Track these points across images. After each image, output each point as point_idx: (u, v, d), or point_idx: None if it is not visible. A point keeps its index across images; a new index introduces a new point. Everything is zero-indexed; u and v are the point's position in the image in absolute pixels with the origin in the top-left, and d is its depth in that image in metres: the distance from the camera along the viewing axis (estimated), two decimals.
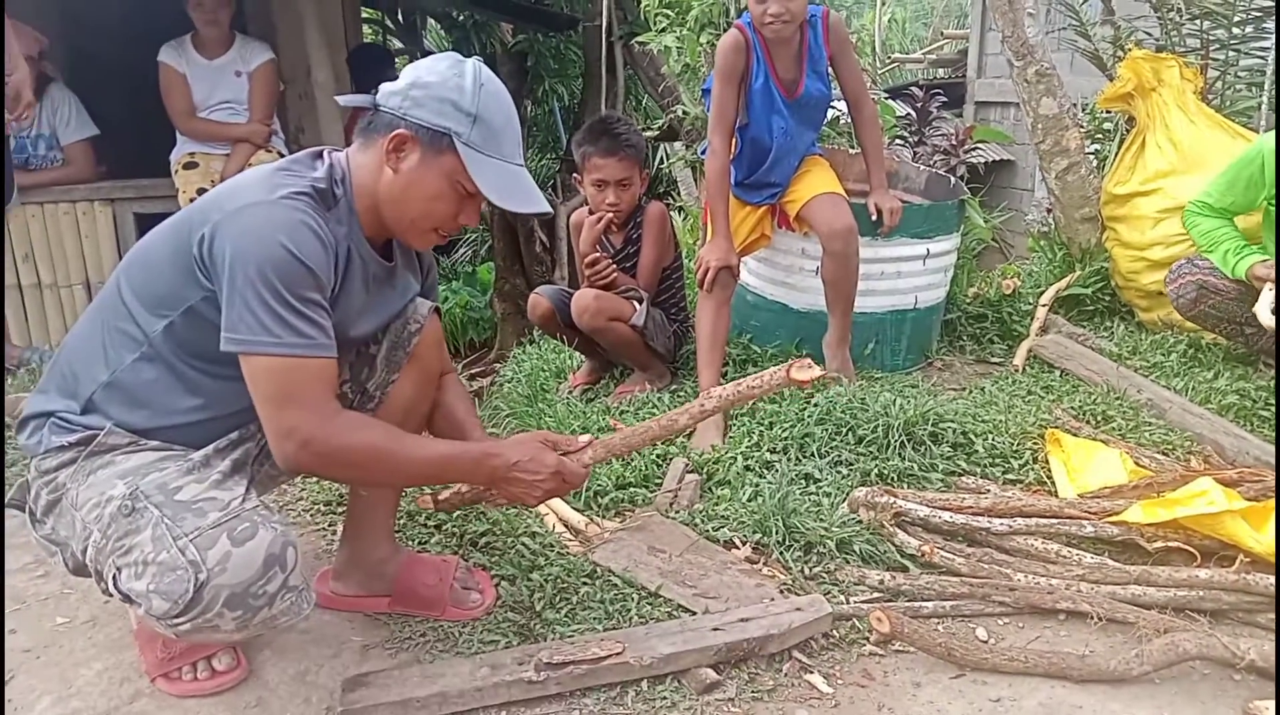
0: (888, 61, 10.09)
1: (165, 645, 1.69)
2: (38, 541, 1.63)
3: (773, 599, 1.91)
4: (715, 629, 1.76)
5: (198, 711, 1.65)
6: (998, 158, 6.30)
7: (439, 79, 1.55)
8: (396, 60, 6.05)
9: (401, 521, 2.13)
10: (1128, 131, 3.81)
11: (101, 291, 1.64)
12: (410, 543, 2.09)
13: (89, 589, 1.98)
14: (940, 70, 8.62)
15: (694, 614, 1.87)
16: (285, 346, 1.43)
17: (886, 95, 5.18)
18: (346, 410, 1.53)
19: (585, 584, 1.96)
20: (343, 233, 1.56)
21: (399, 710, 1.61)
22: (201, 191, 3.86)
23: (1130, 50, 3.55)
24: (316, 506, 2.30)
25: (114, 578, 1.47)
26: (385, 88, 1.59)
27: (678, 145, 5.83)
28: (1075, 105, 3.67)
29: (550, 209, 1.73)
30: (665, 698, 1.67)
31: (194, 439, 1.58)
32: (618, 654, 1.68)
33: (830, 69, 2.77)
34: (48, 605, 1.96)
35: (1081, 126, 3.63)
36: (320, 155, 1.61)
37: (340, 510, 2.26)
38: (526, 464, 1.64)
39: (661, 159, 6.78)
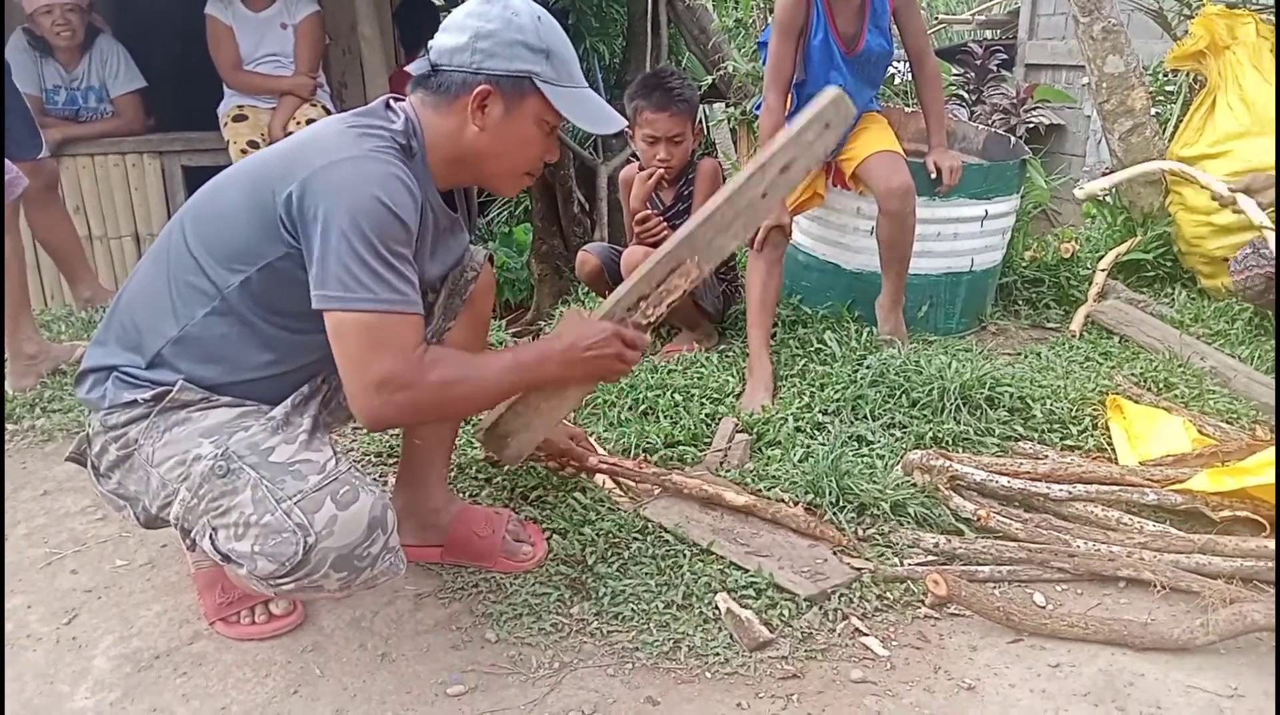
0: (934, 22, 9.86)
1: (224, 590, 1.71)
2: (102, 496, 1.62)
3: (825, 560, 1.89)
4: (764, 195, 1.67)
5: (255, 654, 1.68)
6: (1049, 122, 6.14)
7: (500, 24, 1.51)
8: (441, 15, 5.99)
9: (452, 475, 2.14)
10: (1192, 94, 3.69)
11: (160, 243, 1.60)
12: (461, 495, 2.10)
13: (146, 533, 2.01)
14: (989, 32, 8.40)
15: (746, 571, 1.86)
16: (380, 302, 1.40)
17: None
18: (429, 349, 1.50)
19: (636, 539, 1.95)
20: (419, 190, 1.53)
21: None
22: (252, 143, 3.86)
23: (1203, 7, 3.41)
24: (368, 457, 2.31)
25: (210, 537, 1.46)
26: (441, 47, 1.54)
27: (717, 107, 5.74)
28: (1140, 65, 3.54)
29: (626, 121, 1.71)
30: (718, 654, 1.67)
31: (266, 393, 1.56)
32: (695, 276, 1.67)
33: (892, 23, 2.69)
34: (107, 548, 1.99)
35: (1146, 86, 3.51)
36: (390, 106, 1.57)
37: (391, 461, 2.27)
38: (589, 338, 1.61)
39: (703, 120, 6.69)
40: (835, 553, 1.93)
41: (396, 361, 1.42)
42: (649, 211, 2.80)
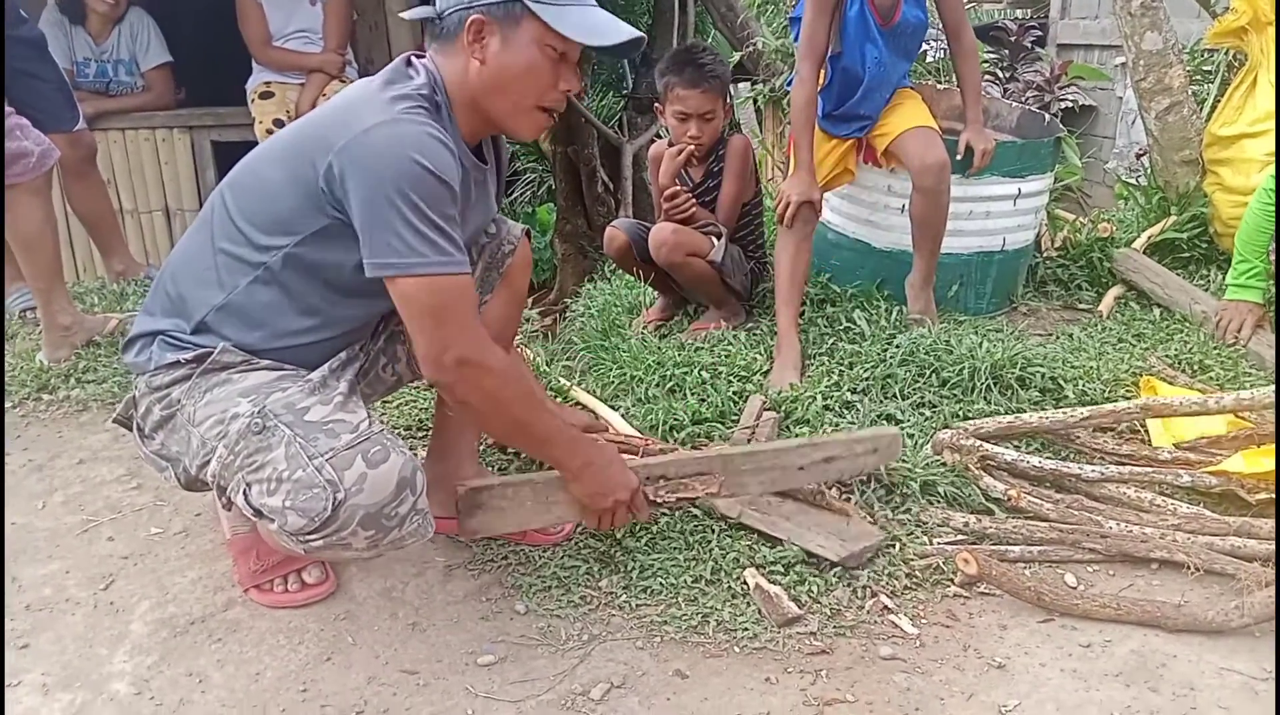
0: (964, 2, 9.70)
1: (259, 557, 1.73)
2: (146, 457, 1.65)
3: (852, 526, 1.89)
4: (800, 468, 1.82)
5: (289, 621, 1.70)
6: (1081, 103, 6.03)
7: None
8: None
9: (482, 448, 2.14)
10: (1230, 73, 3.62)
11: (203, 214, 1.63)
12: (492, 469, 2.11)
13: (181, 501, 2.04)
14: (1019, 11, 8.27)
15: (775, 546, 1.86)
16: (432, 265, 1.42)
17: None
18: (496, 344, 1.56)
19: (665, 514, 1.95)
20: (452, 143, 1.53)
21: (518, 537, 1.81)
22: (278, 122, 3.87)
23: None
24: (398, 430, 2.33)
25: (244, 493, 1.48)
26: None
27: (743, 85, 5.68)
28: (1178, 42, 3.47)
29: (643, 35, 1.62)
30: (747, 629, 1.67)
31: (305, 358, 1.58)
32: (714, 492, 1.77)
33: None
34: (142, 515, 2.02)
35: (1184, 64, 3.44)
36: (410, 63, 1.57)
37: (421, 435, 2.29)
38: (616, 474, 1.64)
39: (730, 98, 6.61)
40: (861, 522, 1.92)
41: (459, 334, 1.46)
42: (678, 187, 2.78)
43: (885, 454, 1.90)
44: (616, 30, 1.53)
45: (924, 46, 3.38)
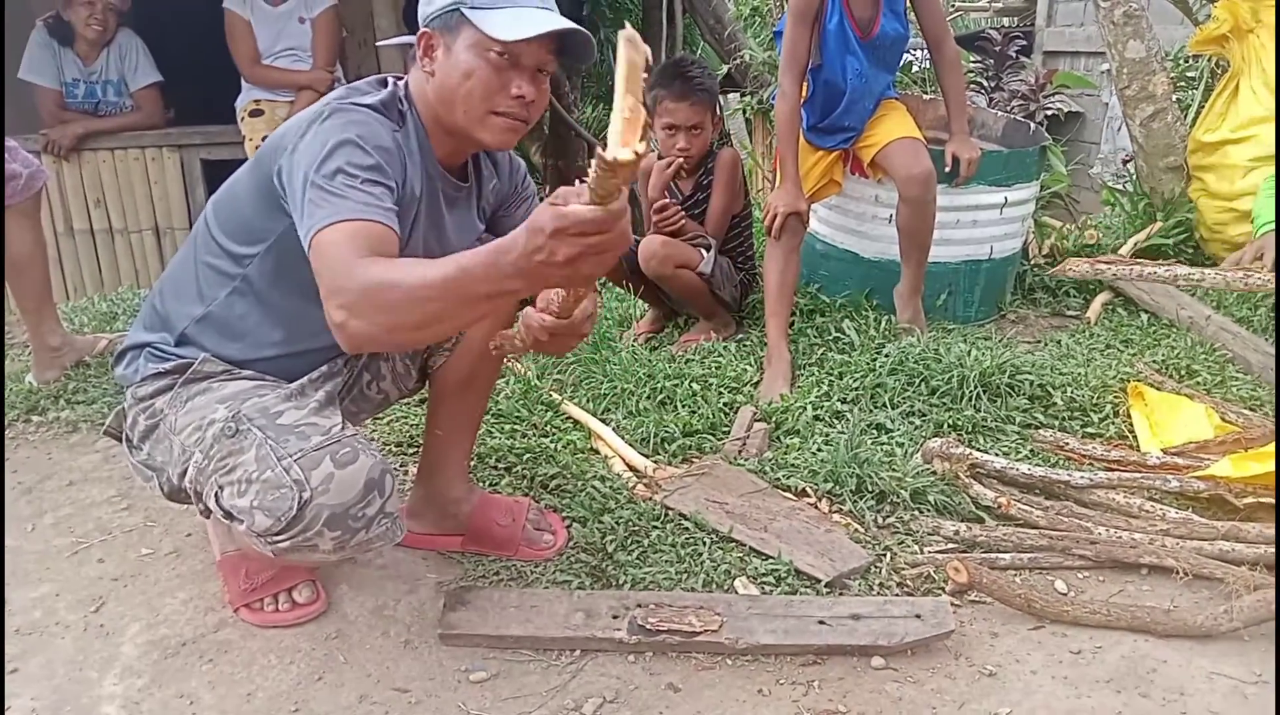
0: (950, 10, 9.77)
1: (249, 576, 1.73)
2: (134, 467, 1.67)
3: (842, 544, 1.89)
4: (821, 622, 1.66)
5: (280, 641, 1.69)
6: (1068, 109, 6.08)
7: None
8: None
9: (472, 464, 2.14)
10: (1214, 79, 3.65)
11: (191, 233, 1.67)
12: (481, 484, 2.11)
13: (171, 521, 2.04)
14: (1005, 19, 8.33)
15: (766, 558, 1.86)
16: (319, 220, 1.30)
17: None
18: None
19: (655, 527, 1.96)
20: (415, 152, 1.54)
21: (494, 643, 1.66)
22: (267, 139, 3.88)
23: None
24: (389, 447, 2.33)
25: (216, 495, 1.49)
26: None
27: (732, 97, 5.72)
28: (1161, 50, 3.50)
29: (576, 27, 1.53)
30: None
31: (284, 371, 1.60)
32: (714, 630, 1.64)
33: (909, 6, 2.67)
34: (132, 537, 2.02)
35: (1167, 71, 3.48)
36: (385, 82, 1.59)
37: (412, 451, 2.29)
38: (535, 238, 1.11)
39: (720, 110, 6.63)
40: (853, 538, 1.93)
41: (334, 271, 1.28)
42: (668, 200, 2.80)
43: (929, 631, 1.64)
44: (538, 24, 1.45)
45: (909, 57, 3.40)
